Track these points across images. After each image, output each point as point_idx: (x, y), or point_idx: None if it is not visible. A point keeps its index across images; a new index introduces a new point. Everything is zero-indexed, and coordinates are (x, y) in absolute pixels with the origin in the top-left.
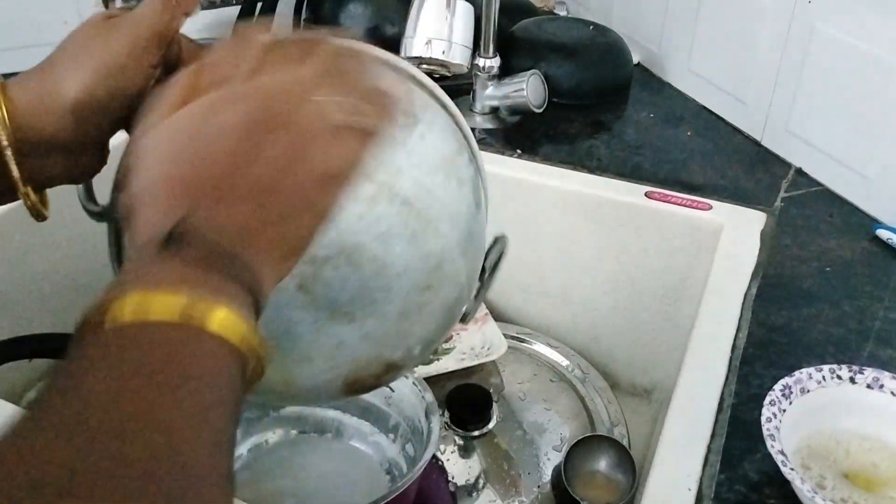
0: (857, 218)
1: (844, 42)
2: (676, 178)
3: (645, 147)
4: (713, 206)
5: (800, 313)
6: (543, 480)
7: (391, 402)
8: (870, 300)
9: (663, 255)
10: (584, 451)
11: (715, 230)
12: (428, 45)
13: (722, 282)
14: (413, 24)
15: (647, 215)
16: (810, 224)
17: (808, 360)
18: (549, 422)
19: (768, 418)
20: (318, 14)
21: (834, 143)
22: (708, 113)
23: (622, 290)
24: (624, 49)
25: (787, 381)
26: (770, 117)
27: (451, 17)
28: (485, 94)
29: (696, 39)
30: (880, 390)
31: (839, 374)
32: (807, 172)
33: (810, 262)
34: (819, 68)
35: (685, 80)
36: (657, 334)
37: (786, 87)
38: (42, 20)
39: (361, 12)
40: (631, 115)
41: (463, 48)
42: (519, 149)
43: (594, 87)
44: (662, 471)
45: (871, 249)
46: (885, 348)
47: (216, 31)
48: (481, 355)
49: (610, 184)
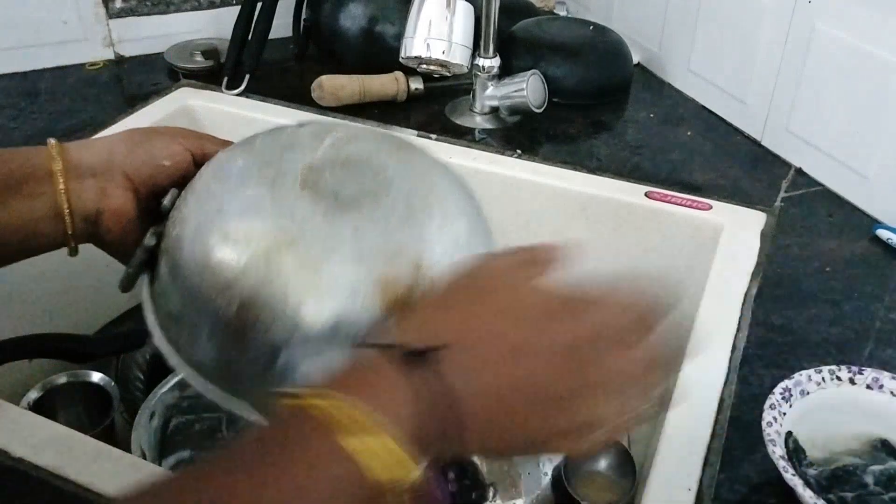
0: (857, 218)
1: (844, 42)
2: (676, 178)
3: (645, 147)
4: (713, 206)
5: (800, 313)
6: (543, 480)
7: None
8: (870, 300)
9: (663, 255)
10: None
11: (715, 230)
12: (428, 45)
13: (722, 282)
14: (413, 24)
15: (647, 215)
16: (810, 224)
17: (808, 360)
18: None
19: (769, 422)
20: (318, 14)
21: (834, 143)
22: (708, 113)
23: None
24: (624, 49)
25: (787, 383)
26: (770, 117)
27: (451, 17)
28: (485, 94)
29: (696, 39)
30: (880, 391)
31: (839, 374)
32: (807, 172)
33: (810, 262)
34: (819, 68)
35: (685, 80)
36: None
37: (786, 87)
38: (42, 20)
39: (361, 12)
40: (631, 115)
41: (463, 48)
42: (519, 149)
43: (594, 87)
44: (662, 471)
45: (871, 249)
46: (885, 348)
47: (216, 31)
48: None
49: (610, 184)
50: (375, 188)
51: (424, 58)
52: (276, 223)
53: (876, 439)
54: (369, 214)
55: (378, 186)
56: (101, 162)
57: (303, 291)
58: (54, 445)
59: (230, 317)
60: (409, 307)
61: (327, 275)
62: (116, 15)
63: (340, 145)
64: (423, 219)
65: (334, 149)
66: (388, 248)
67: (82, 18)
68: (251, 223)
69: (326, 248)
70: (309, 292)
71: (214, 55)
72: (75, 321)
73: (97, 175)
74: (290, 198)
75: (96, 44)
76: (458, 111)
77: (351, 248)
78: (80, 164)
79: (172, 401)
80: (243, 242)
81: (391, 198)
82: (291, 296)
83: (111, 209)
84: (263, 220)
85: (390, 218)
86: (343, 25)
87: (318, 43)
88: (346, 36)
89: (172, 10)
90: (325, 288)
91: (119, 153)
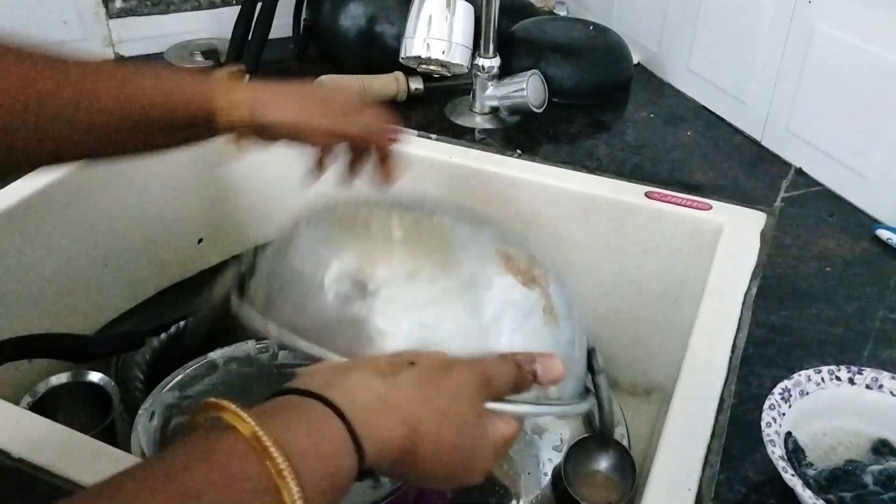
0: (857, 218)
1: (844, 42)
2: (676, 178)
3: (645, 147)
4: (713, 206)
5: (800, 313)
6: (543, 480)
7: None
8: (870, 300)
9: (663, 255)
10: (584, 452)
11: (715, 230)
12: (428, 45)
13: (722, 282)
14: (413, 24)
15: (647, 215)
16: (810, 224)
17: (808, 360)
18: (549, 422)
19: (768, 423)
20: (318, 14)
21: (834, 143)
22: (708, 113)
23: (622, 290)
24: (624, 49)
25: (786, 383)
26: (770, 117)
27: (451, 17)
28: (485, 94)
29: (696, 39)
30: (880, 391)
31: (838, 374)
32: (807, 172)
33: (810, 262)
34: (819, 68)
35: (685, 80)
36: (657, 334)
37: (786, 87)
38: (42, 20)
39: (361, 12)
40: (631, 115)
41: (463, 48)
42: (519, 149)
43: (594, 87)
44: (662, 471)
45: (871, 249)
46: (885, 348)
47: (216, 31)
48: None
49: (610, 184)
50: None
51: (424, 58)
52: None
53: (875, 439)
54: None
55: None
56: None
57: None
58: (54, 445)
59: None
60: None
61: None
62: (116, 15)
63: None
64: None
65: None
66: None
67: (82, 18)
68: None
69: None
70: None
71: (214, 55)
72: (75, 321)
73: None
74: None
75: (96, 44)
76: (458, 111)
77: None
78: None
79: (172, 401)
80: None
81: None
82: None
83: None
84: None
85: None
86: (343, 25)
87: (318, 43)
88: (346, 36)
89: (172, 10)
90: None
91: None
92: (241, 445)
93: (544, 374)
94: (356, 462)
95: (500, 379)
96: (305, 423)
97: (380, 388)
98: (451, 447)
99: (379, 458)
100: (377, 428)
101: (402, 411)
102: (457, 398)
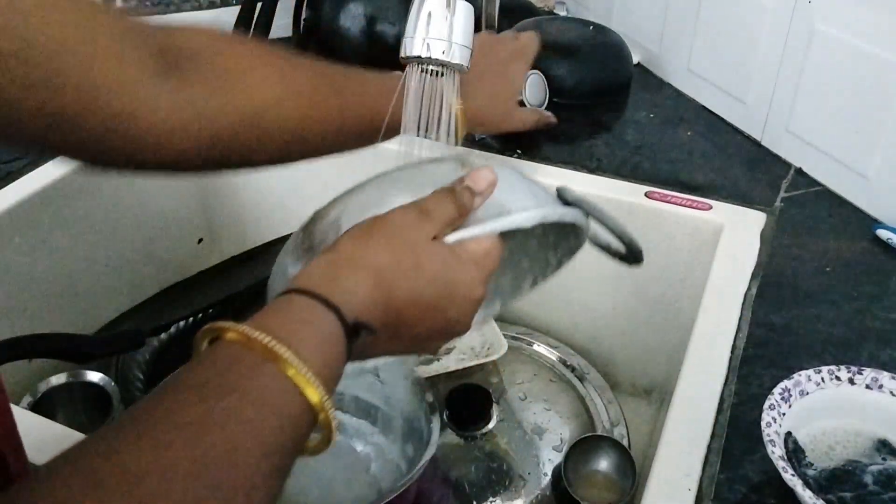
0: (857, 218)
1: (844, 42)
2: (676, 178)
3: (645, 147)
4: (713, 206)
5: (800, 313)
6: (543, 480)
7: (391, 403)
8: (870, 300)
9: (663, 255)
10: (584, 452)
11: (715, 230)
12: (428, 45)
13: (722, 282)
14: (413, 24)
15: (647, 215)
16: (810, 224)
17: (808, 360)
18: (549, 422)
19: (768, 423)
20: (318, 14)
21: (834, 143)
22: (708, 113)
23: (622, 290)
24: (624, 49)
25: (786, 383)
26: (770, 117)
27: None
28: None
29: (696, 39)
30: (879, 391)
31: (838, 375)
32: (807, 172)
33: (810, 262)
34: (819, 68)
35: (685, 80)
36: (657, 334)
37: (786, 87)
38: None
39: (361, 12)
40: (631, 115)
41: (463, 48)
42: (519, 149)
43: (594, 87)
44: (662, 471)
45: (871, 249)
46: (885, 348)
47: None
48: (481, 355)
49: (610, 184)
50: None
51: (424, 58)
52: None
53: (875, 439)
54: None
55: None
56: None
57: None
58: (54, 445)
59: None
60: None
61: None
62: None
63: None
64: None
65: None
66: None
67: None
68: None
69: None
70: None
71: None
72: (75, 321)
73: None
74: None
75: None
76: None
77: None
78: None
79: None
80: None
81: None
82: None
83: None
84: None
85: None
86: (343, 25)
87: (318, 43)
88: (346, 36)
89: (172, 9)
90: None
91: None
92: (238, 349)
93: (477, 184)
94: (336, 318)
95: (437, 208)
96: (273, 310)
97: (326, 259)
98: (426, 281)
99: (358, 311)
100: (340, 283)
101: (356, 264)
102: (399, 236)
